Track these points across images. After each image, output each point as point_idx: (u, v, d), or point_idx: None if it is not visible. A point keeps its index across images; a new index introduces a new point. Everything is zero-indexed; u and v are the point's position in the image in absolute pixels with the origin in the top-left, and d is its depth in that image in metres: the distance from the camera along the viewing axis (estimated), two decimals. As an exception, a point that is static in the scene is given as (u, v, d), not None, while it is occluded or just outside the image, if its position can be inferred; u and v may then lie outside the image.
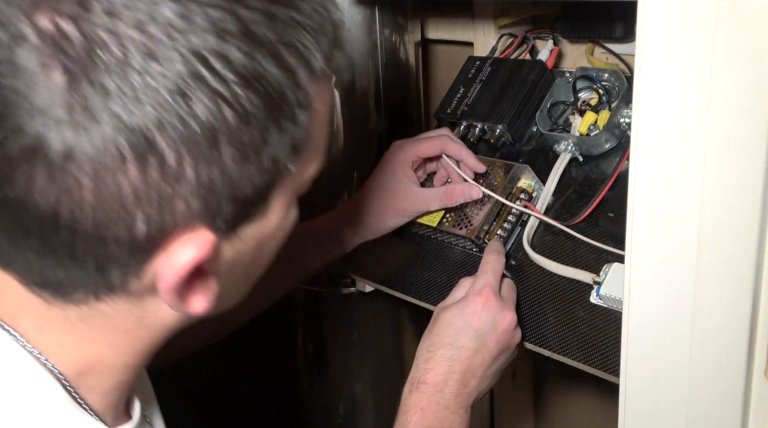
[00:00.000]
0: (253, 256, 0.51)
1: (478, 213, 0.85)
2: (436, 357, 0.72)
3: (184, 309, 0.47)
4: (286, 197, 0.49)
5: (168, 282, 0.44)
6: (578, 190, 0.84)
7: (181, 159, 0.41)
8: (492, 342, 0.72)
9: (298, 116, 0.45)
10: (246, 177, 0.44)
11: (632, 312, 0.55)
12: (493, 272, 0.76)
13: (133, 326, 0.50)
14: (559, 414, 1.33)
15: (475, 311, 0.73)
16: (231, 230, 0.46)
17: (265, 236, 0.50)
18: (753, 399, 0.52)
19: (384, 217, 0.86)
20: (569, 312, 0.77)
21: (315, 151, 0.50)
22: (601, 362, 0.72)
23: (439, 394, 0.70)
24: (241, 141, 0.42)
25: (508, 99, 0.90)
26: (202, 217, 0.43)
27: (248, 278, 0.54)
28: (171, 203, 0.42)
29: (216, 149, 0.42)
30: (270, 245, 0.52)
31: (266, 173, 0.45)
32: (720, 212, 0.48)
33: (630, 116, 0.80)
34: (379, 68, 1.01)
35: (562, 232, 0.81)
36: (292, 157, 0.46)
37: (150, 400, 0.65)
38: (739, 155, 0.46)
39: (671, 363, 0.53)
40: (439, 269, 0.89)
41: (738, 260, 0.48)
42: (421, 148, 0.85)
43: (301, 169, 0.49)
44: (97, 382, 0.51)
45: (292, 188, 0.50)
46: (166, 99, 0.39)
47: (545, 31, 0.97)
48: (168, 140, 0.40)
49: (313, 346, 1.15)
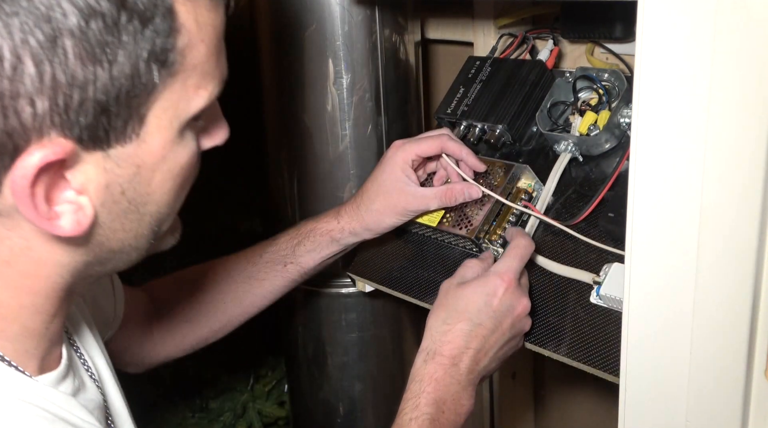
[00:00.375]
0: (137, 185, 0.50)
1: (478, 213, 0.85)
2: (454, 331, 0.72)
3: (48, 227, 0.46)
4: (167, 121, 0.49)
5: (16, 184, 0.44)
6: (578, 190, 0.84)
7: (18, 52, 0.41)
8: (507, 324, 0.73)
9: (156, 22, 0.45)
10: (98, 80, 0.43)
11: (632, 312, 0.55)
12: (520, 259, 0.77)
13: (15, 257, 0.49)
14: (559, 414, 1.33)
15: (496, 292, 0.73)
16: (97, 145, 0.46)
17: (146, 163, 0.49)
18: (753, 399, 0.52)
19: (383, 216, 0.86)
20: (569, 312, 0.77)
21: (200, 77, 0.49)
22: (601, 362, 0.72)
23: (454, 368, 0.71)
24: (87, 39, 0.42)
25: (508, 99, 0.90)
26: (54, 123, 0.43)
27: (141, 217, 0.52)
28: (14, 102, 0.42)
29: (56, 44, 0.42)
30: (158, 178, 0.51)
31: (123, 81, 0.44)
32: (720, 212, 0.48)
33: (630, 116, 0.80)
34: (379, 68, 1.01)
35: (562, 232, 0.81)
36: (155, 69, 0.46)
37: (93, 351, 0.65)
38: (739, 155, 0.46)
39: (671, 363, 0.53)
40: (439, 269, 0.89)
41: (738, 260, 0.48)
42: (420, 147, 0.85)
43: (183, 93, 0.48)
44: (1, 327, 0.51)
45: (174, 113, 0.49)
46: None
47: (545, 31, 0.97)
48: (0, 31, 0.40)
49: (313, 346, 1.15)
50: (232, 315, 0.91)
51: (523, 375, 1.28)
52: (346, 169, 1.04)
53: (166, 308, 0.90)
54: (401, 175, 0.85)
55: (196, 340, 0.91)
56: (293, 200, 1.09)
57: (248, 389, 1.45)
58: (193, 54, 0.48)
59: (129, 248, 0.53)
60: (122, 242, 0.52)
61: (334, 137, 1.02)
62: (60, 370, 0.55)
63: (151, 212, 0.52)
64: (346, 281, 1.07)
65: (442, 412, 0.69)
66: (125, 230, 0.51)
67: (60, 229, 0.47)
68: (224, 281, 0.91)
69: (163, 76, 0.47)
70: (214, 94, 0.51)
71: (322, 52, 0.98)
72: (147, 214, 0.52)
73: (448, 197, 0.84)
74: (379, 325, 1.12)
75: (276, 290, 0.92)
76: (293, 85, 1.02)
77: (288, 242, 0.91)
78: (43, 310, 0.53)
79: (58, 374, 0.55)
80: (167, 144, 0.49)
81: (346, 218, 0.88)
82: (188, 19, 0.47)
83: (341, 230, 0.88)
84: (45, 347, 0.55)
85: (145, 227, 0.53)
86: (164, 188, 0.52)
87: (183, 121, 0.50)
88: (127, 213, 0.51)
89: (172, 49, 0.46)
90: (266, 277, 0.91)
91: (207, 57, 0.49)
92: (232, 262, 0.92)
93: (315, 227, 0.90)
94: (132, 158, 0.48)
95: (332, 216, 0.90)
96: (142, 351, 0.88)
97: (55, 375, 0.55)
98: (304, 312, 1.14)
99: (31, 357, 0.53)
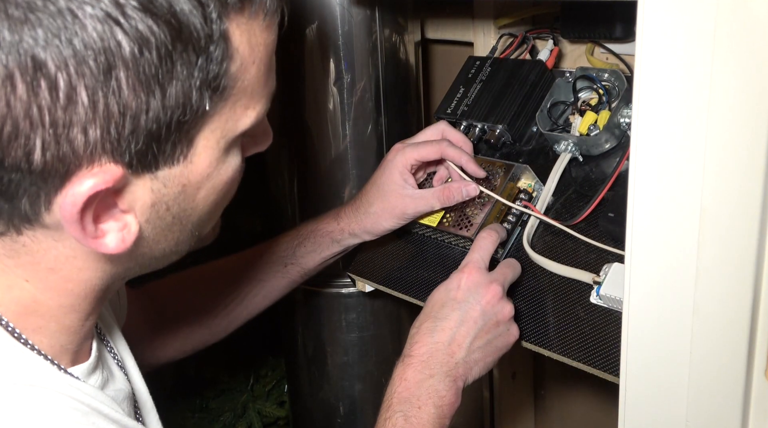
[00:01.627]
0: (182, 202, 0.50)
1: (479, 213, 0.85)
2: (420, 331, 0.73)
3: (94, 245, 0.47)
4: (215, 141, 0.49)
5: (65, 210, 0.45)
6: (578, 190, 0.84)
7: (72, 82, 0.41)
8: (476, 312, 0.73)
9: (210, 50, 0.44)
10: (150, 110, 0.44)
11: (632, 312, 0.55)
12: (479, 250, 0.77)
13: (60, 264, 0.50)
14: (559, 414, 1.33)
15: (457, 285, 0.74)
16: (146, 168, 0.46)
17: (191, 182, 0.50)
18: (753, 399, 0.52)
19: (381, 219, 0.86)
20: (569, 312, 0.77)
21: (249, 97, 0.49)
22: (602, 362, 0.72)
23: (423, 364, 0.71)
24: (141, 70, 0.42)
25: (508, 99, 0.90)
26: (105, 150, 0.44)
27: (183, 227, 0.53)
28: (67, 130, 0.42)
29: (110, 75, 0.42)
30: (203, 193, 0.51)
31: (175, 109, 0.44)
32: (720, 212, 0.48)
33: (630, 116, 0.80)
34: (379, 68, 1.01)
35: (562, 232, 0.81)
36: (208, 95, 0.46)
37: (120, 345, 0.66)
38: (739, 155, 0.46)
39: (671, 363, 0.53)
40: (439, 269, 0.89)
41: (738, 260, 0.48)
42: (420, 153, 0.85)
43: (232, 114, 0.48)
44: (40, 324, 0.52)
45: (221, 133, 0.49)
46: (53, 20, 0.40)
47: (545, 31, 0.97)
48: (56, 61, 0.40)
49: (313, 346, 1.15)
50: (233, 317, 0.92)
51: (523, 375, 1.28)
52: (346, 169, 1.04)
53: (166, 310, 0.90)
54: (399, 179, 0.85)
55: (197, 341, 0.91)
56: (293, 200, 1.09)
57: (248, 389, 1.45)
58: (245, 77, 0.48)
59: (170, 253, 0.54)
60: (164, 250, 0.53)
61: (334, 137, 1.02)
62: (90, 362, 0.56)
63: (194, 222, 0.53)
64: (346, 281, 1.07)
65: (418, 407, 0.69)
66: (168, 240, 0.53)
67: (105, 247, 0.48)
68: (225, 283, 0.91)
69: (215, 101, 0.46)
70: (263, 112, 0.51)
71: (322, 52, 0.98)
72: (189, 224, 0.53)
73: (446, 196, 0.84)
74: (379, 325, 1.12)
75: (276, 291, 0.92)
76: (293, 85, 1.02)
77: (288, 243, 0.91)
78: (80, 309, 0.54)
79: (88, 366, 0.56)
80: (213, 163, 0.50)
81: (345, 220, 0.89)
82: (242, 42, 0.46)
83: (341, 232, 0.89)
84: (78, 342, 0.56)
85: (187, 235, 0.54)
86: (208, 201, 0.52)
87: (230, 140, 0.50)
88: (171, 226, 0.52)
89: (225, 74, 0.46)
90: (266, 278, 0.91)
91: (258, 78, 0.49)
92: (232, 263, 0.92)
93: (315, 228, 0.90)
94: (179, 178, 0.49)
95: (332, 218, 0.90)
96: (143, 353, 0.88)
97: (85, 367, 0.56)
98: (304, 312, 1.14)
99: (65, 351, 0.54)
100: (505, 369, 1.24)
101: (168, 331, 0.89)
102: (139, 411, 0.65)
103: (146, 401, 0.67)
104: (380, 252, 0.97)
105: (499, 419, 1.27)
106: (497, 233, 0.80)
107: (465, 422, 1.29)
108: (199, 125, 0.47)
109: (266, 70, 0.50)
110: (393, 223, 0.87)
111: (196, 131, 0.47)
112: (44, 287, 0.51)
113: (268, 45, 0.49)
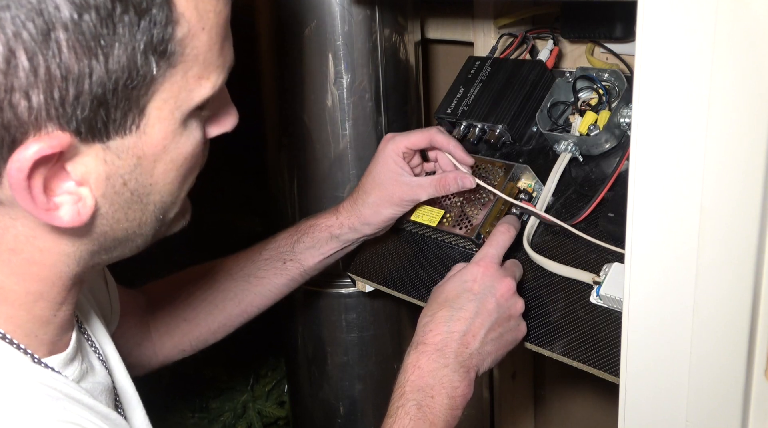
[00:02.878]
0: (139, 176, 0.50)
1: (478, 213, 0.85)
2: (436, 319, 0.73)
3: (47, 218, 0.47)
4: (169, 112, 0.48)
5: (12, 176, 0.44)
6: (578, 190, 0.84)
7: (11, 46, 0.41)
8: (491, 304, 0.73)
9: (152, 13, 0.44)
10: (94, 74, 0.43)
11: (632, 312, 0.55)
12: (496, 246, 0.77)
13: (20, 245, 0.50)
14: (559, 414, 1.33)
15: (474, 277, 0.74)
16: (96, 137, 0.46)
17: (147, 154, 0.49)
18: (753, 399, 0.52)
19: (380, 208, 0.86)
20: (569, 312, 0.77)
21: (202, 67, 0.49)
22: (601, 362, 0.72)
23: (438, 353, 0.71)
24: (81, 32, 0.42)
25: (508, 99, 0.90)
26: (51, 116, 0.44)
27: (144, 206, 0.52)
28: (9, 95, 0.42)
29: (50, 37, 0.42)
30: (161, 168, 0.51)
31: (120, 74, 0.44)
32: (720, 212, 0.48)
33: (630, 116, 0.80)
34: (379, 68, 1.01)
35: (563, 232, 0.81)
36: (154, 61, 0.45)
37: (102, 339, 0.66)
38: (739, 155, 0.46)
39: (671, 363, 0.53)
40: (439, 269, 0.89)
41: (738, 260, 0.48)
42: (410, 139, 0.86)
43: (184, 83, 0.48)
44: (10, 313, 0.52)
45: (176, 104, 0.48)
46: None
47: (545, 31, 0.97)
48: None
49: (313, 346, 1.15)
50: (230, 314, 0.91)
51: (523, 375, 1.28)
52: (346, 169, 1.04)
53: (164, 308, 0.89)
54: (394, 166, 0.85)
55: (194, 340, 0.91)
56: (293, 200, 1.09)
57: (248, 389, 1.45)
58: (194, 44, 0.47)
59: (134, 235, 0.53)
60: (126, 231, 0.52)
61: (334, 137, 1.02)
62: (68, 353, 0.56)
63: (155, 201, 0.52)
64: (346, 281, 1.07)
65: (431, 397, 0.69)
66: (129, 219, 0.52)
67: (58, 219, 0.47)
68: (223, 280, 0.91)
69: (163, 68, 0.46)
70: (218, 83, 0.51)
71: (322, 52, 0.98)
72: (151, 203, 0.52)
73: (442, 185, 0.84)
74: (379, 325, 1.12)
75: (276, 289, 0.92)
76: (293, 85, 1.02)
77: (287, 240, 0.91)
78: (50, 297, 0.53)
79: (65, 356, 0.56)
80: (168, 135, 0.49)
81: (344, 214, 0.89)
82: (188, 7, 0.46)
83: (340, 226, 0.89)
84: (54, 332, 0.55)
85: (150, 216, 0.53)
86: (167, 178, 0.52)
87: (185, 111, 0.50)
88: (130, 203, 0.51)
89: (171, 39, 0.46)
90: (265, 275, 0.91)
91: (209, 46, 0.48)
92: (231, 261, 0.92)
93: (314, 223, 0.90)
94: (132, 150, 0.48)
95: (331, 213, 0.90)
96: (141, 353, 0.88)
97: (62, 358, 0.55)
98: (304, 312, 1.14)
99: (40, 342, 0.54)
100: (505, 369, 1.24)
101: (165, 329, 0.89)
102: (120, 405, 0.64)
103: (131, 397, 0.66)
104: (380, 252, 0.97)
105: (499, 419, 1.27)
106: (515, 229, 0.80)
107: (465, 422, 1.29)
108: (149, 93, 0.47)
109: (219, 40, 0.49)
110: (392, 211, 0.87)
111: (146, 99, 0.47)
112: (9, 271, 0.51)
113: (220, 13, 0.49)
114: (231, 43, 0.51)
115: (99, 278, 0.80)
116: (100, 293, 0.80)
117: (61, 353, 0.55)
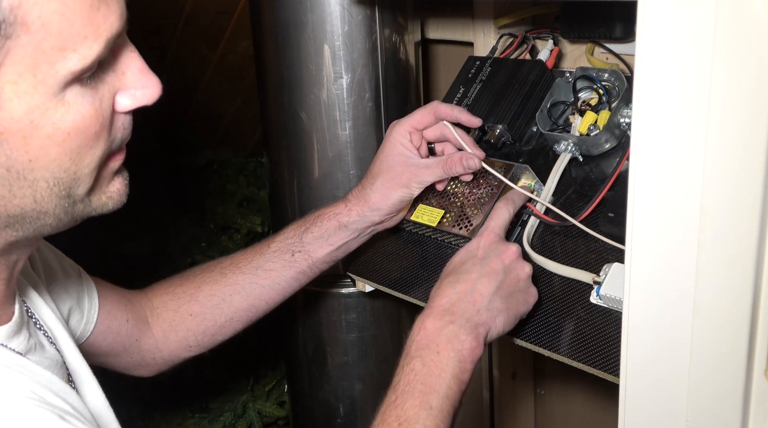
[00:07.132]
0: (9, 152, 0.48)
1: (479, 213, 0.85)
2: (442, 286, 0.74)
3: None
4: (30, 86, 0.47)
5: None
6: (578, 190, 0.84)
7: None
8: (497, 264, 0.74)
9: None
10: None
11: (632, 312, 0.55)
12: (497, 218, 0.79)
13: None
14: (559, 414, 1.33)
15: (477, 246, 0.76)
16: None
17: (10, 130, 0.48)
18: (753, 399, 0.51)
19: (389, 190, 0.86)
20: (569, 312, 0.77)
21: (59, 37, 0.46)
22: (601, 362, 0.72)
23: (443, 312, 0.71)
24: None
25: (508, 99, 0.90)
26: None
27: (31, 182, 0.50)
28: None
29: None
30: (36, 143, 0.49)
31: None
32: (720, 212, 0.48)
33: (630, 116, 0.80)
34: (379, 68, 1.01)
35: (563, 232, 0.81)
36: None
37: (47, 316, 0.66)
38: (739, 155, 0.46)
39: (671, 363, 0.53)
40: (439, 269, 0.89)
41: (738, 260, 0.48)
42: (414, 118, 0.87)
43: (41, 56, 0.46)
44: None
45: (36, 78, 0.47)
46: None
47: (545, 31, 0.97)
48: None
49: (313, 346, 1.15)
50: (238, 308, 0.90)
51: (523, 375, 1.28)
52: (346, 169, 1.04)
53: (168, 303, 0.89)
54: (402, 148, 0.86)
55: (200, 335, 0.90)
56: (293, 200, 1.09)
57: (248, 389, 1.45)
58: (33, 13, 0.45)
59: (34, 212, 0.52)
60: (20, 208, 0.51)
61: (334, 137, 1.02)
62: (11, 325, 0.57)
63: (45, 177, 0.51)
64: (346, 281, 1.07)
65: (437, 353, 0.68)
66: (16, 196, 0.50)
67: None
68: (231, 273, 0.90)
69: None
70: (91, 54, 0.48)
71: (322, 51, 0.98)
72: (40, 179, 0.50)
73: (449, 166, 0.84)
74: (379, 325, 1.13)
75: (284, 282, 0.90)
76: (293, 85, 1.02)
77: (295, 231, 0.90)
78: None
79: (9, 328, 0.57)
80: (35, 109, 0.48)
81: (353, 201, 0.88)
82: None
83: (348, 213, 0.88)
84: None
85: (44, 192, 0.51)
86: (50, 155, 0.50)
87: (53, 85, 0.48)
88: (11, 180, 0.50)
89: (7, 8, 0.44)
90: (274, 267, 0.90)
91: (63, 15, 0.46)
92: (240, 255, 0.92)
93: (322, 213, 0.90)
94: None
95: (340, 202, 0.90)
96: (141, 348, 0.87)
97: (6, 329, 0.56)
98: (304, 312, 1.14)
99: None
100: (505, 369, 1.24)
101: (170, 324, 0.88)
102: (72, 381, 0.65)
103: (82, 372, 0.67)
104: (380, 252, 0.97)
105: (499, 419, 1.27)
106: (514, 203, 0.81)
107: (465, 422, 1.29)
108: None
109: (81, 8, 0.47)
110: (401, 193, 0.86)
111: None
112: None
113: None
114: (102, 12, 0.49)
115: (74, 275, 0.80)
116: (69, 281, 0.79)
117: (3, 325, 0.56)
